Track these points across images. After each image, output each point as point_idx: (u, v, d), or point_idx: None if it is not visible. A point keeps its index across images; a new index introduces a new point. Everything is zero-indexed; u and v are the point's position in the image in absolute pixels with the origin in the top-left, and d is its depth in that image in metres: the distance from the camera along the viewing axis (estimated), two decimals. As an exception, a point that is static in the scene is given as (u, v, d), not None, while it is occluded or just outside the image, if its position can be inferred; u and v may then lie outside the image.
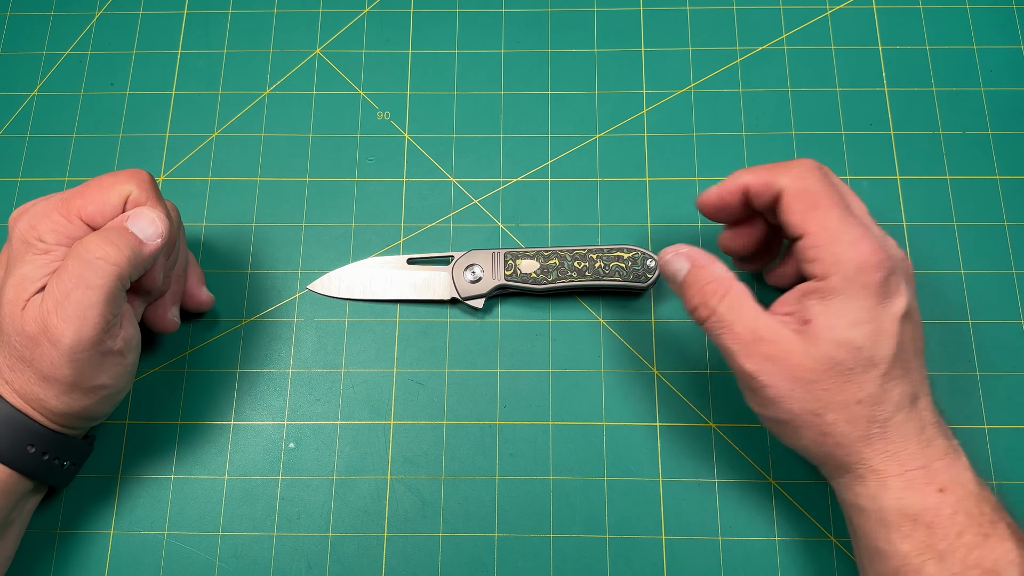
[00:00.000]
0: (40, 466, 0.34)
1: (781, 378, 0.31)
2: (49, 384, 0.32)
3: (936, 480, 0.30)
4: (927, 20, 0.47)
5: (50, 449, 0.34)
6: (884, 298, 0.30)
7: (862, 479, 0.31)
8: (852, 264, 0.30)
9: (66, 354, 0.31)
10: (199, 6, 0.48)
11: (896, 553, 0.30)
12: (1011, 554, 0.28)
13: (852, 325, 0.30)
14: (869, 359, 0.30)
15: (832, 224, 0.31)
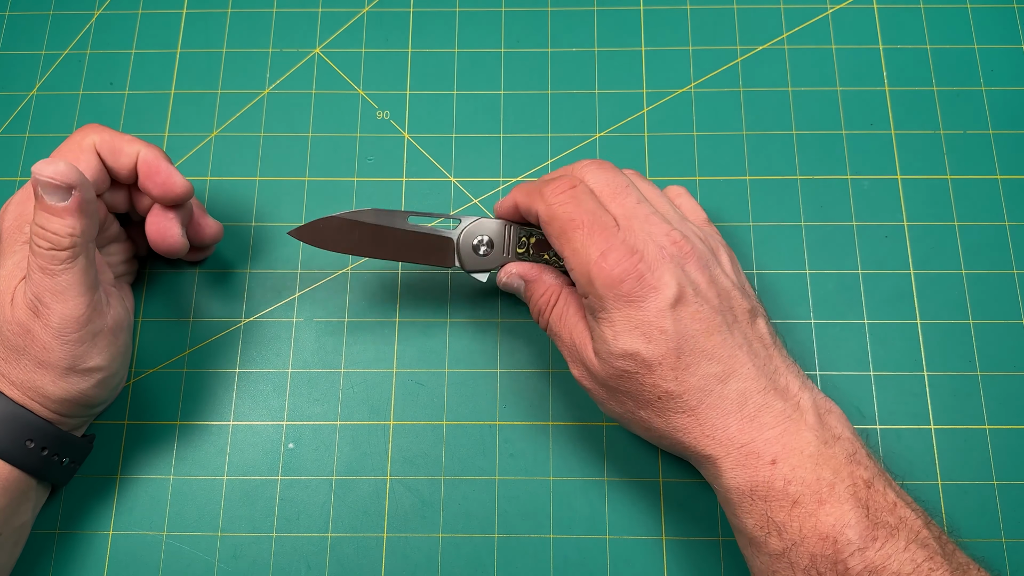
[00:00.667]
0: (41, 463, 0.34)
1: (593, 384, 0.34)
2: (45, 370, 0.32)
3: (766, 452, 0.30)
4: (928, 19, 0.47)
5: (50, 445, 0.34)
6: (642, 300, 0.31)
7: (700, 464, 0.32)
8: (599, 282, 0.31)
9: (55, 334, 0.32)
10: (198, 5, 0.48)
11: (744, 528, 0.31)
12: (847, 516, 0.28)
13: (621, 335, 0.31)
14: (647, 361, 0.31)
15: (578, 246, 0.32)
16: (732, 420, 0.31)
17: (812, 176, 0.44)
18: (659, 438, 0.33)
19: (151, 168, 0.36)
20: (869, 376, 0.40)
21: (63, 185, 0.30)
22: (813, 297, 0.42)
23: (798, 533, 0.29)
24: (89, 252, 0.32)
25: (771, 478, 0.30)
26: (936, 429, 0.40)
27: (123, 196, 0.38)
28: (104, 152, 0.35)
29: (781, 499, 0.29)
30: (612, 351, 0.31)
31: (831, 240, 0.43)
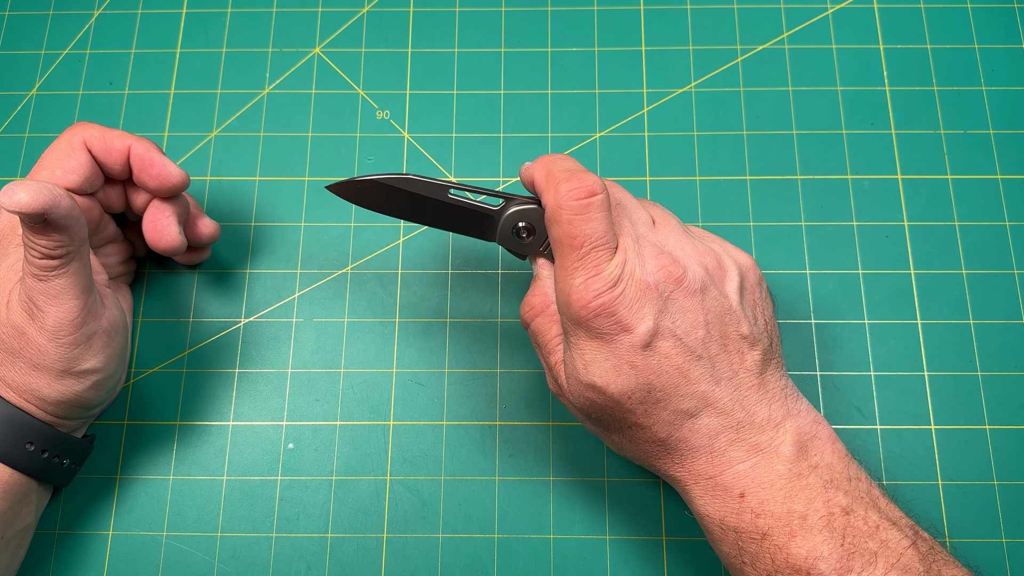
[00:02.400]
0: (41, 464, 0.34)
1: (566, 401, 0.33)
2: (40, 372, 0.32)
3: (734, 486, 0.30)
4: (928, 19, 0.47)
5: (49, 446, 0.34)
6: (612, 336, 0.30)
7: (674, 485, 0.32)
8: (573, 310, 0.30)
9: (51, 336, 0.31)
10: (198, 5, 0.48)
11: (721, 553, 0.31)
12: (820, 548, 0.28)
13: (590, 365, 0.30)
14: (614, 396, 0.30)
15: (568, 265, 0.30)
16: (701, 455, 0.30)
17: (812, 176, 0.44)
18: (632, 459, 0.34)
19: (144, 160, 0.35)
20: (869, 376, 0.40)
21: (32, 213, 0.29)
22: (813, 297, 0.42)
23: (771, 565, 0.29)
24: (82, 255, 0.32)
25: (740, 511, 0.30)
26: (936, 429, 0.40)
27: (118, 193, 0.38)
28: (95, 149, 0.35)
29: (751, 531, 0.29)
30: (581, 380, 0.31)
31: (831, 240, 0.43)
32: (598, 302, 0.29)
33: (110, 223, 0.39)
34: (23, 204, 0.28)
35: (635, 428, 0.31)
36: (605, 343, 0.30)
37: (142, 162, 0.36)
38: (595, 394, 0.31)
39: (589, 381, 0.31)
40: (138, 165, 0.36)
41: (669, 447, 0.31)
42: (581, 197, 0.30)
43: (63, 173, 0.34)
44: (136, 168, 0.36)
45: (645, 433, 0.31)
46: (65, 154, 0.35)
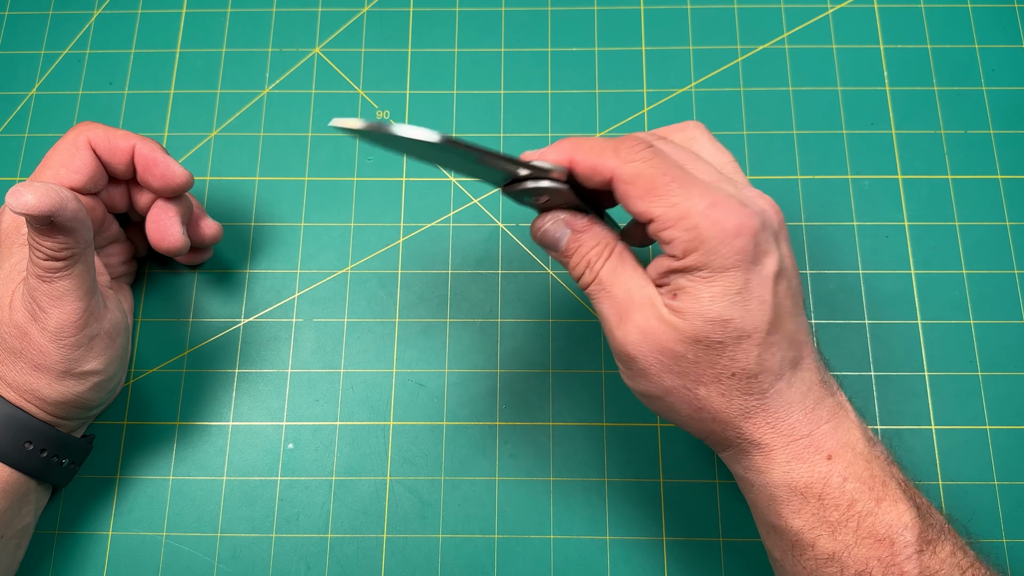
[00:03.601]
0: (40, 464, 0.34)
1: (650, 350, 0.29)
2: (41, 372, 0.32)
3: (823, 447, 0.28)
4: (929, 19, 0.47)
5: (48, 446, 0.34)
6: (752, 263, 0.27)
7: (746, 453, 0.29)
8: (710, 238, 0.27)
9: (53, 339, 0.31)
10: (198, 5, 0.48)
11: (789, 529, 0.28)
12: (904, 516, 0.27)
13: (720, 298, 0.27)
14: (741, 331, 0.27)
15: (679, 200, 0.27)
16: (796, 409, 0.28)
17: (812, 176, 0.44)
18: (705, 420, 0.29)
19: (148, 160, 0.35)
20: (870, 376, 0.40)
21: (39, 215, 0.29)
22: (814, 297, 0.42)
23: (853, 535, 0.27)
24: (87, 257, 0.32)
25: (828, 474, 0.28)
26: (937, 429, 0.39)
27: (122, 193, 0.38)
28: (100, 148, 0.35)
29: (837, 497, 0.28)
30: (705, 313, 0.27)
31: (831, 240, 0.43)
32: (734, 221, 0.27)
33: (113, 223, 0.39)
34: (30, 206, 0.28)
35: (739, 376, 0.28)
36: (742, 271, 0.27)
37: (146, 162, 0.35)
38: (716, 329, 0.27)
39: (715, 314, 0.27)
40: (142, 165, 0.36)
41: (767, 400, 0.28)
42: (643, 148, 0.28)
43: (67, 173, 0.34)
44: (140, 168, 0.36)
45: (747, 383, 0.28)
46: (70, 154, 0.35)
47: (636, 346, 0.29)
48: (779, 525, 0.29)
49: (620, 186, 0.29)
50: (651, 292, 0.29)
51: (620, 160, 0.28)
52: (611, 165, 0.29)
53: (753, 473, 0.29)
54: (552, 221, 0.31)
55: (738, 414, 0.29)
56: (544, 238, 0.32)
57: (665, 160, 0.28)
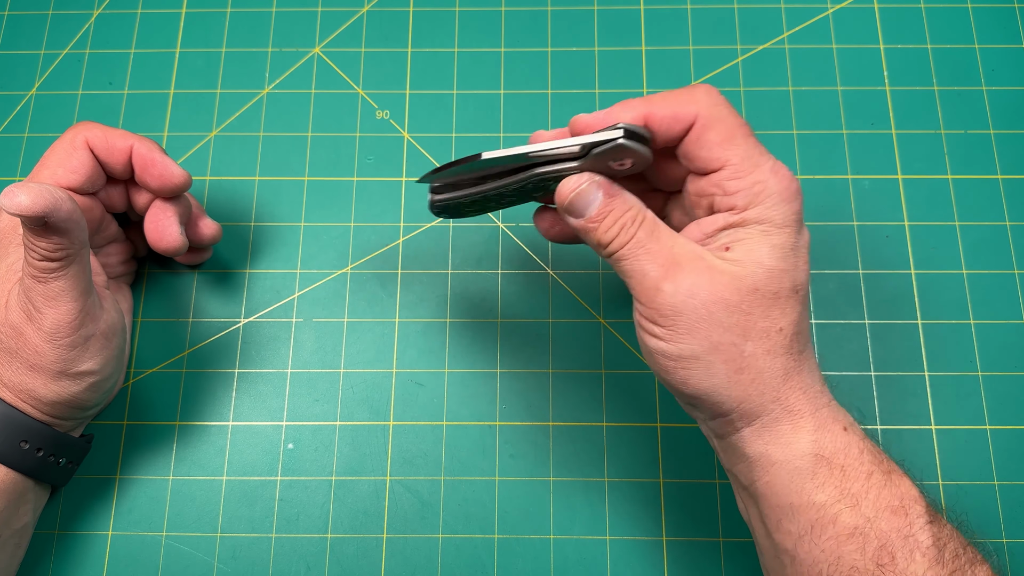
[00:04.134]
0: (36, 463, 0.34)
1: (701, 301, 0.28)
2: (37, 372, 0.32)
3: (840, 418, 0.29)
4: (929, 19, 0.47)
5: (45, 445, 0.33)
6: (800, 226, 0.30)
7: (776, 422, 0.29)
8: (776, 194, 0.29)
9: (48, 339, 0.31)
10: (198, 5, 0.48)
11: (811, 505, 0.28)
12: (912, 489, 0.28)
13: (776, 250, 0.29)
14: (792, 284, 0.29)
15: (753, 153, 0.29)
16: (817, 377, 0.30)
17: (813, 176, 0.44)
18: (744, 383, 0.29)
19: (147, 160, 0.35)
20: (870, 376, 0.40)
21: (33, 216, 0.29)
22: (813, 297, 0.42)
23: (873, 507, 0.27)
24: (82, 258, 0.32)
25: (848, 444, 0.28)
26: (937, 429, 0.39)
27: (120, 193, 0.38)
28: (98, 148, 0.35)
29: (858, 467, 0.28)
30: (764, 262, 0.28)
31: (831, 240, 0.43)
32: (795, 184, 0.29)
33: (111, 223, 0.39)
34: (24, 207, 0.28)
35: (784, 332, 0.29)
36: (794, 230, 0.29)
37: (144, 162, 0.35)
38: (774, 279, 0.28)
39: (775, 265, 0.28)
40: (140, 165, 0.36)
41: (801, 363, 0.29)
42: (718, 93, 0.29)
43: (64, 172, 0.34)
44: (138, 168, 0.36)
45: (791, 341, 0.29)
46: (67, 153, 0.35)
47: (688, 296, 0.28)
48: (798, 503, 0.28)
49: (701, 130, 0.29)
50: (697, 248, 0.29)
51: (703, 105, 0.29)
52: (694, 109, 0.29)
53: (778, 446, 0.29)
54: (588, 183, 0.30)
55: (779, 374, 0.29)
56: (577, 200, 0.30)
57: (739, 115, 0.29)
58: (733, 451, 0.30)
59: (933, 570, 0.26)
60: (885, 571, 0.27)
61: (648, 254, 0.29)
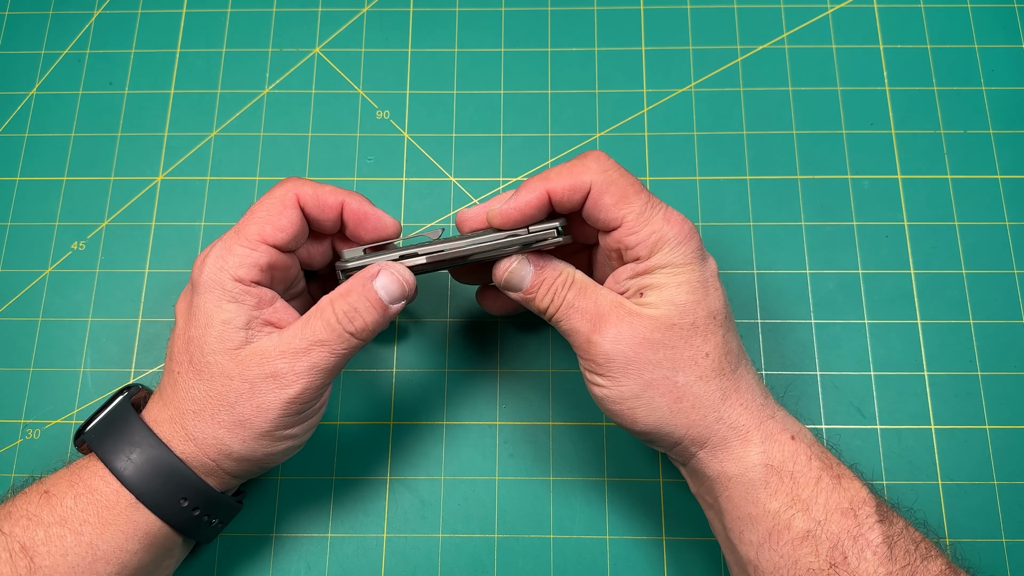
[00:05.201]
0: (190, 521, 0.32)
1: (628, 345, 0.31)
2: (242, 428, 0.31)
3: (787, 428, 0.31)
4: (928, 19, 0.47)
5: (202, 505, 0.32)
6: (702, 260, 0.32)
7: (725, 440, 0.31)
8: (672, 239, 0.32)
9: (285, 404, 0.31)
10: (198, 5, 0.48)
11: (766, 513, 0.30)
12: (862, 491, 0.30)
13: (684, 287, 0.31)
14: (707, 312, 0.32)
15: (644, 208, 0.32)
16: (758, 392, 0.32)
17: (812, 176, 0.44)
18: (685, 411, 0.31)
19: (359, 215, 0.35)
20: (869, 376, 0.40)
21: (404, 296, 0.33)
22: (813, 297, 0.42)
23: (823, 510, 0.29)
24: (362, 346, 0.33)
25: (796, 452, 0.30)
26: (936, 429, 0.40)
27: (324, 248, 0.37)
28: (308, 206, 0.34)
29: (807, 473, 0.30)
30: (675, 301, 0.31)
31: (831, 240, 0.43)
32: (688, 225, 0.32)
33: (302, 279, 0.37)
34: (408, 286, 0.33)
35: (711, 356, 0.31)
36: (698, 265, 0.32)
37: (357, 217, 0.35)
38: (688, 313, 0.31)
39: (686, 300, 0.31)
40: (353, 220, 0.35)
41: (738, 380, 0.32)
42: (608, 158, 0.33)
43: (272, 230, 0.33)
44: (352, 223, 0.35)
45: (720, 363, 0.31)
46: (277, 211, 0.33)
47: (615, 343, 0.31)
48: (755, 513, 0.30)
49: (596, 195, 0.32)
50: (618, 298, 0.33)
51: (596, 172, 0.32)
52: (588, 179, 0.32)
53: (731, 462, 0.31)
54: (517, 261, 0.34)
55: (717, 395, 0.31)
56: (511, 278, 0.34)
57: (628, 174, 0.33)
58: (696, 475, 0.33)
59: (884, 567, 0.28)
60: (838, 570, 0.28)
61: (578, 312, 0.33)
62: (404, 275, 0.33)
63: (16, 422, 0.40)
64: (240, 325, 0.31)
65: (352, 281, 0.33)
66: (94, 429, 0.33)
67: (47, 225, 0.44)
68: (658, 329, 0.31)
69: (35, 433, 0.40)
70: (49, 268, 0.43)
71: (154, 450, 0.31)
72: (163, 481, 0.31)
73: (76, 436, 0.33)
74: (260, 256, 0.32)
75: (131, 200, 0.44)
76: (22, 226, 0.44)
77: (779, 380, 0.40)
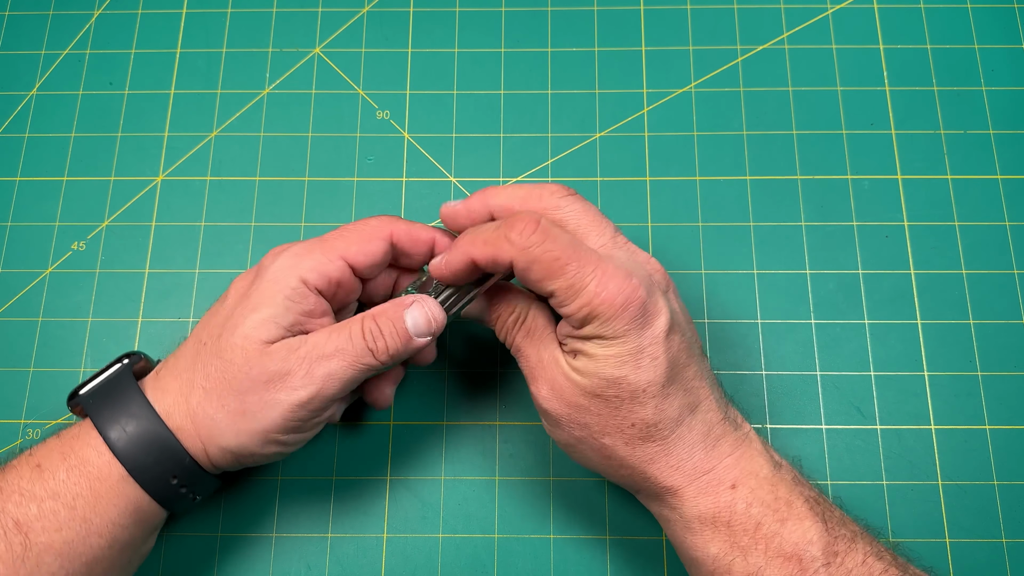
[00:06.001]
0: (175, 496, 0.32)
1: (558, 403, 0.32)
2: (242, 419, 0.31)
3: (726, 478, 0.30)
4: (928, 19, 0.47)
5: (188, 482, 0.32)
6: (642, 327, 0.30)
7: (658, 496, 0.32)
8: (602, 310, 0.30)
9: (291, 407, 0.31)
10: (198, 5, 0.48)
11: (707, 557, 0.30)
12: (809, 532, 0.29)
13: (613, 360, 0.30)
14: (635, 389, 0.30)
15: (572, 281, 0.30)
16: (697, 450, 0.31)
17: (812, 176, 0.44)
18: (615, 467, 0.32)
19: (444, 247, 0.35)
20: (869, 376, 0.40)
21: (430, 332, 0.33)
22: (813, 297, 0.42)
23: (763, 556, 0.29)
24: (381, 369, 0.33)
25: (732, 502, 0.30)
26: (936, 429, 0.40)
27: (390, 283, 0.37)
28: (401, 242, 0.35)
29: (744, 522, 0.30)
30: (600, 374, 0.30)
31: (831, 240, 0.43)
32: (622, 296, 0.29)
33: (355, 306, 0.37)
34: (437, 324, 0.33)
35: (639, 426, 0.30)
36: (634, 336, 0.30)
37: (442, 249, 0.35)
38: (612, 388, 0.30)
39: (609, 375, 0.30)
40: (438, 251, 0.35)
41: (668, 445, 0.31)
42: (534, 230, 0.30)
43: (357, 252, 0.33)
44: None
45: (649, 431, 0.30)
46: (367, 237, 0.34)
47: (547, 401, 0.32)
48: (697, 556, 0.31)
49: (520, 273, 0.31)
50: (557, 354, 0.32)
51: (516, 249, 0.30)
52: (508, 256, 0.31)
53: (667, 511, 0.32)
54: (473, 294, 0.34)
55: (643, 460, 0.31)
56: (470, 313, 0.35)
57: (557, 240, 0.30)
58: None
59: None
60: None
61: (523, 358, 0.33)
62: (434, 312, 0.33)
63: (16, 422, 0.40)
64: (284, 323, 0.32)
65: (387, 304, 0.33)
66: (91, 393, 0.32)
67: (47, 225, 0.44)
68: (584, 396, 0.31)
69: (35, 433, 0.40)
70: (49, 268, 0.43)
71: (149, 424, 0.31)
72: (155, 458, 0.31)
73: (71, 397, 0.33)
74: (334, 269, 0.33)
75: (131, 200, 0.44)
76: (22, 226, 0.44)
77: (779, 380, 0.40)
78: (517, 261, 0.30)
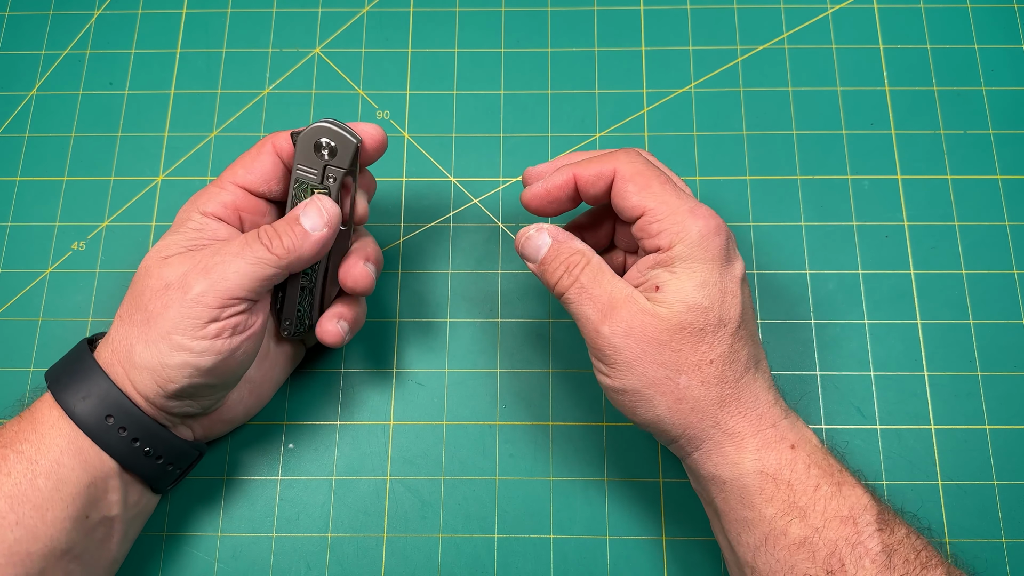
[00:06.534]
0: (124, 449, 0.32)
1: (635, 341, 0.31)
2: (147, 327, 0.32)
3: (786, 437, 0.31)
4: (928, 19, 0.47)
5: (129, 425, 0.32)
6: (726, 262, 0.32)
7: (719, 445, 0.31)
8: (695, 231, 0.31)
9: (187, 302, 0.31)
10: (198, 5, 0.48)
11: (761, 519, 0.30)
12: (863, 499, 0.30)
13: (700, 288, 0.31)
14: (718, 319, 0.31)
15: (669, 198, 0.32)
16: (762, 401, 0.31)
17: (812, 176, 0.44)
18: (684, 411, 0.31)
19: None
20: (869, 376, 0.40)
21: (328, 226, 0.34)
22: (813, 297, 0.42)
23: (821, 517, 0.29)
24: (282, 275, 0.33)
25: (794, 460, 0.30)
26: (936, 429, 0.40)
27: None
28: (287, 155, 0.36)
29: (804, 481, 0.30)
30: (688, 301, 0.31)
31: (831, 240, 0.43)
32: (715, 221, 0.31)
33: None
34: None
35: (717, 363, 0.31)
36: (719, 266, 0.31)
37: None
38: (699, 316, 0.31)
39: (697, 302, 0.31)
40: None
41: (739, 389, 0.31)
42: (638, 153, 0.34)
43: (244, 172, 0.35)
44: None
45: (725, 370, 0.31)
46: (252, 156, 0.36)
47: (623, 338, 0.31)
48: (751, 517, 0.30)
49: (621, 183, 0.33)
50: (631, 290, 0.32)
51: (621, 162, 0.33)
52: (613, 166, 0.33)
53: (725, 467, 0.31)
54: (536, 230, 0.35)
55: (715, 401, 0.31)
56: (527, 246, 0.35)
57: (658, 167, 0.33)
58: (692, 473, 0.33)
59: (883, 575, 0.28)
60: None
61: (590, 298, 0.32)
62: (326, 205, 0.34)
63: (16, 422, 0.40)
64: (184, 244, 0.33)
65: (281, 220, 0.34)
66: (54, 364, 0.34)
67: (47, 225, 0.44)
68: (667, 330, 0.31)
69: (35, 433, 0.40)
70: (49, 268, 0.43)
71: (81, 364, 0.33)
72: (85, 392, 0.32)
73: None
74: (227, 195, 0.35)
75: (131, 200, 0.44)
76: (22, 226, 0.44)
77: (779, 380, 0.40)
78: (622, 171, 0.33)
